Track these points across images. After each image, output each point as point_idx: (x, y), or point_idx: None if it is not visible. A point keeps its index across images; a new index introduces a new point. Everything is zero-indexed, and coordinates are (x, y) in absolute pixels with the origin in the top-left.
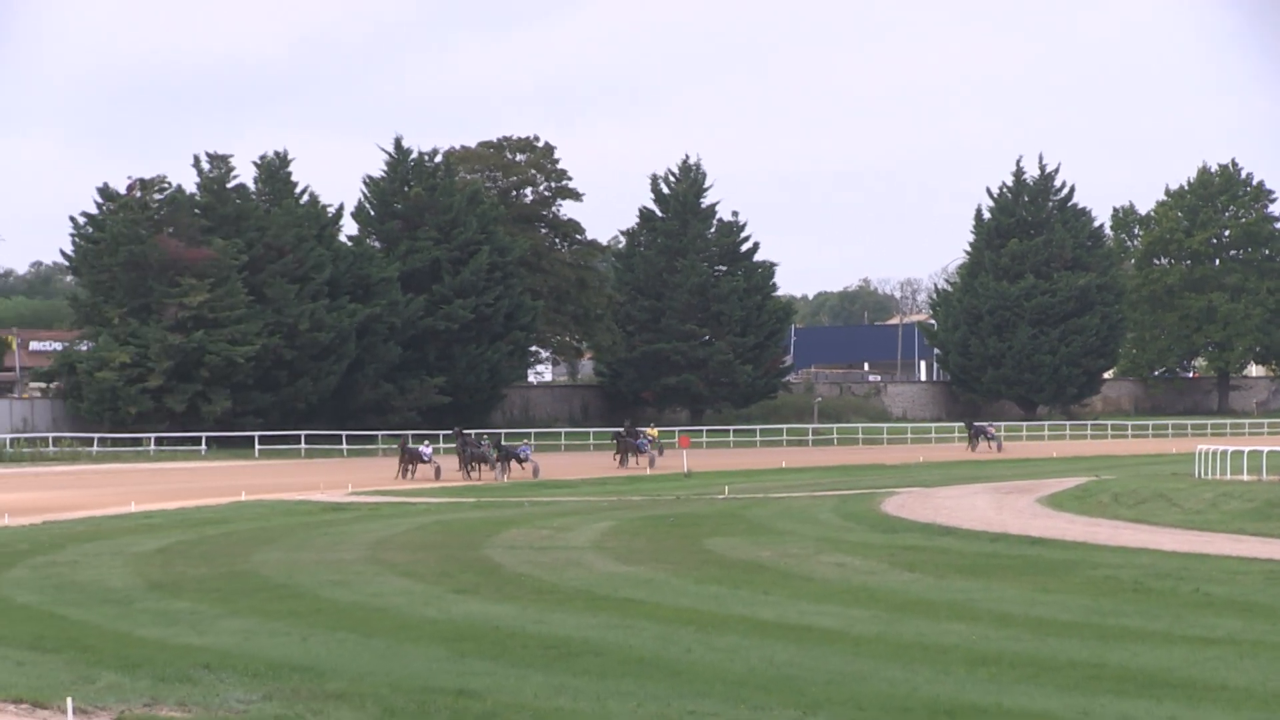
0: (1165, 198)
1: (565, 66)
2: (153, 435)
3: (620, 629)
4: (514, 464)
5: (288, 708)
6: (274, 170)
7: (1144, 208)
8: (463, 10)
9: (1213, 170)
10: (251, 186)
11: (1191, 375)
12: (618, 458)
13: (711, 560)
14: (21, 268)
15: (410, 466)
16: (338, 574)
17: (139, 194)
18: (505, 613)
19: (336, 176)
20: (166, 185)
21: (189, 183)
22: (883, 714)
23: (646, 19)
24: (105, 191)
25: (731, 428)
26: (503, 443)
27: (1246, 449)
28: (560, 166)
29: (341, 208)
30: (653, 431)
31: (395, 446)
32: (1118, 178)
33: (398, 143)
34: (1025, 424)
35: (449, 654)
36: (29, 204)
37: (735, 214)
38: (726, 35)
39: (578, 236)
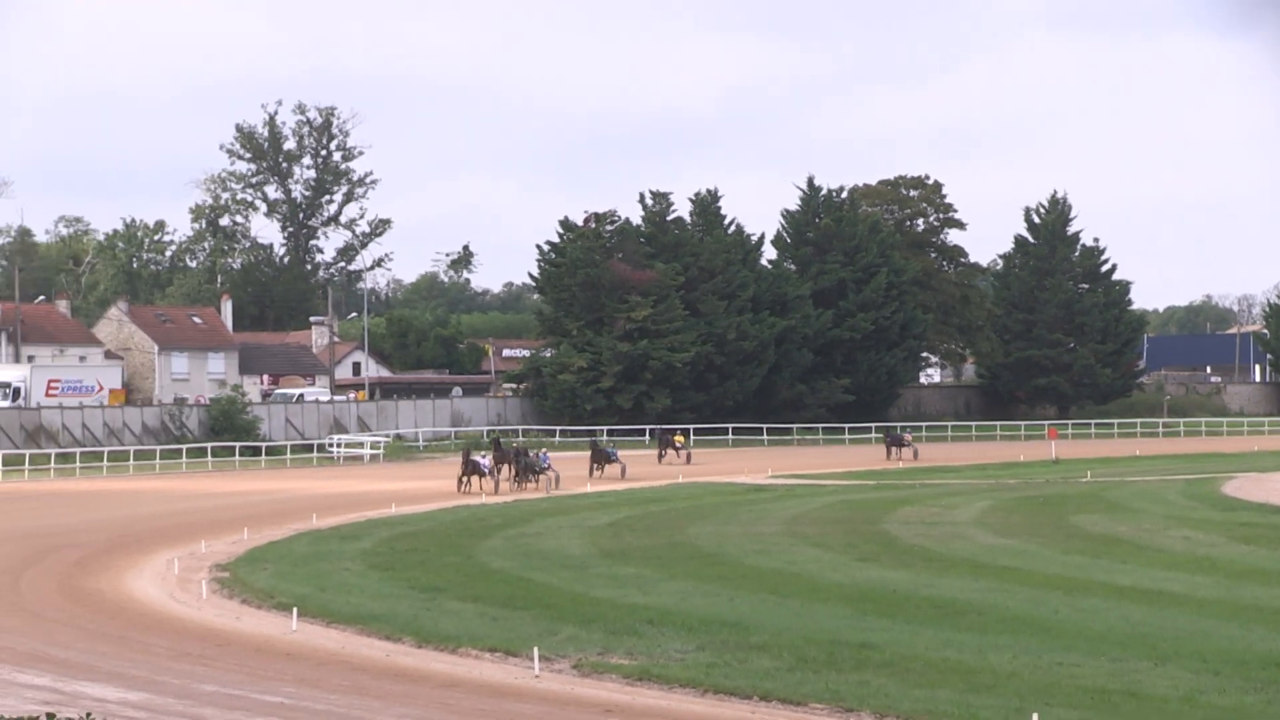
0: None
1: (951, 113)
2: (605, 427)
3: (998, 592)
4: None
5: (717, 657)
6: (706, 205)
7: None
8: (864, 67)
9: None
10: (687, 219)
11: None
12: (591, 467)
13: (1076, 534)
14: (495, 287)
15: (468, 478)
16: (759, 544)
17: (593, 225)
18: (900, 578)
19: (759, 209)
20: (616, 218)
21: (635, 216)
22: (1223, 665)
23: (1020, 73)
24: (565, 224)
25: (1092, 422)
26: (529, 451)
27: None
28: (947, 200)
29: (763, 236)
30: (680, 439)
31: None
32: None
33: (810, 181)
34: None
35: (852, 612)
36: (502, 234)
37: (1096, 240)
38: (1088, 85)
39: (961, 260)
